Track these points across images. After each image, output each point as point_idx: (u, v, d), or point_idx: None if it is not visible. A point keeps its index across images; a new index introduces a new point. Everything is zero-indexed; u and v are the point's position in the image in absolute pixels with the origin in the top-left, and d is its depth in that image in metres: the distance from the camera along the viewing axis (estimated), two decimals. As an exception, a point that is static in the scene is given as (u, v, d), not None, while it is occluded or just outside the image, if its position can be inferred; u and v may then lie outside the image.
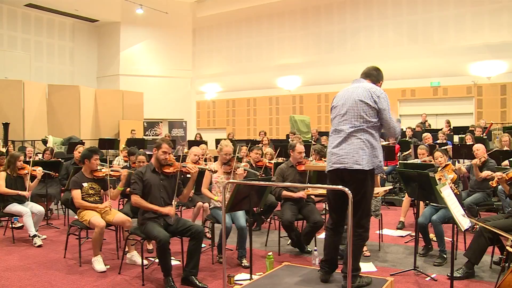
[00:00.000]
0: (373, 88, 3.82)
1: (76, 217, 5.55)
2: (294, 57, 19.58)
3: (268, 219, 6.83)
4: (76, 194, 5.36)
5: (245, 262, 5.29)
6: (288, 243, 6.11)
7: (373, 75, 4.03)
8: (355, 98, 3.79)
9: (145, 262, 5.08)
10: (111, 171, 5.66)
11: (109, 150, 13.78)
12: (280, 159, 9.25)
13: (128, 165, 7.51)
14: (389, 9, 17.51)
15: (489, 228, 3.98)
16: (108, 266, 5.20)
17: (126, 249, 5.36)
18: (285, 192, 5.88)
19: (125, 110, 18.98)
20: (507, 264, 3.56)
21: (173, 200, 4.90)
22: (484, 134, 11.92)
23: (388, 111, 3.79)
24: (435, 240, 5.66)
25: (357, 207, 3.78)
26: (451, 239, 4.47)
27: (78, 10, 19.81)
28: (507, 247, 3.23)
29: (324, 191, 5.40)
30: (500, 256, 4.71)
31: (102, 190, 5.61)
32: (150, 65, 21.74)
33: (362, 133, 3.73)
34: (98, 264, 5.11)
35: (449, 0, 16.26)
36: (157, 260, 4.82)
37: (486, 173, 6.27)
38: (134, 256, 5.37)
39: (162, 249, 4.42)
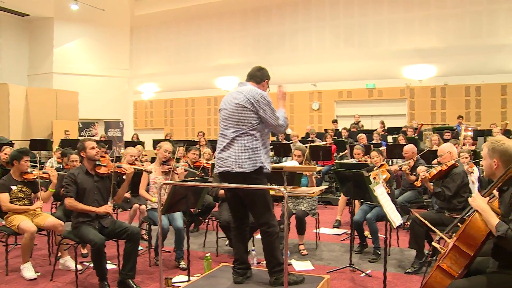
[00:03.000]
0: (252, 92, 3.89)
1: (3, 222, 5.27)
2: (233, 58, 19.59)
3: (206, 220, 6.80)
4: (4, 197, 5.08)
5: (183, 263, 5.25)
6: (226, 243, 6.13)
7: (257, 76, 4.13)
8: (235, 102, 3.89)
9: (79, 267, 4.91)
10: (43, 173, 5.42)
11: (42, 151, 13.25)
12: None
13: (61, 167, 7.26)
14: (327, 12, 17.90)
15: (421, 219, 4.15)
16: (39, 273, 4.98)
17: (59, 254, 5.15)
18: (222, 191, 5.87)
19: (59, 109, 18.27)
20: (434, 258, 3.72)
21: (109, 202, 4.77)
22: (415, 134, 12.42)
23: (268, 110, 3.87)
24: (370, 237, 5.84)
25: (253, 207, 3.91)
26: (384, 236, 4.63)
27: (4, 1, 18.65)
28: (433, 243, 3.37)
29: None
30: (427, 251, 4.93)
31: (32, 193, 5.37)
32: (85, 64, 21.00)
33: (243, 137, 3.82)
34: (28, 271, 4.87)
35: (383, 5, 16.87)
36: (92, 265, 4.67)
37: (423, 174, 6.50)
38: (68, 261, 5.18)
39: (96, 252, 4.29)
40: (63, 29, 20.49)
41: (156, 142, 5.92)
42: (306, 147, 7.08)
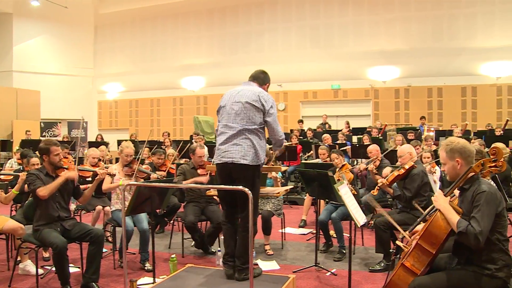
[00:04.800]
0: (262, 93, 4.09)
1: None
2: (199, 58, 19.53)
3: (171, 221, 6.74)
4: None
5: (148, 265, 5.18)
6: (192, 244, 6.09)
7: (260, 78, 4.31)
8: (245, 100, 4.03)
9: (41, 271, 4.79)
10: (2, 174, 5.25)
11: (1, 152, 12.87)
12: (183, 160, 9.17)
13: (21, 168, 7.05)
14: (293, 13, 18.05)
15: (389, 219, 4.22)
16: (-4, 279, 4.82)
17: (18, 259, 4.97)
18: (185, 181, 5.88)
19: (20, 109, 17.73)
20: (398, 256, 3.79)
21: (73, 204, 4.65)
22: (380, 134, 12.62)
23: (274, 115, 4.08)
24: (335, 236, 5.89)
25: (246, 201, 3.92)
26: (349, 235, 4.68)
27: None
28: (397, 241, 3.44)
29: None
30: (391, 250, 5.02)
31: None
32: (47, 62, 20.51)
33: (252, 134, 3.99)
34: (-16, 277, 4.70)
35: (348, 7, 17.14)
36: (54, 268, 4.55)
37: (380, 178, 6.60)
38: (28, 265, 5.01)
39: (59, 256, 4.17)
40: (23, 26, 19.92)
41: (121, 143, 5.86)
42: (271, 148, 7.05)
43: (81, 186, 5.26)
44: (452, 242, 3.09)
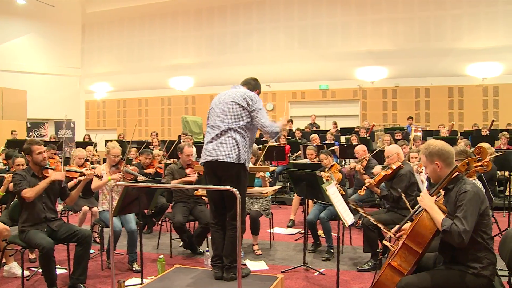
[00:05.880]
0: (247, 92, 4.13)
1: None
2: (187, 58, 19.49)
3: (159, 221, 6.71)
4: None
5: (136, 266, 5.16)
6: (180, 245, 6.07)
7: (251, 84, 4.36)
8: (231, 99, 4.08)
9: (27, 273, 4.74)
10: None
11: (-14, 153, 12.72)
12: (172, 161, 9.14)
13: (7, 169, 6.98)
14: (281, 13, 18.07)
15: (372, 220, 4.24)
16: (-19, 282, 4.76)
17: (3, 261, 4.91)
18: (174, 182, 5.88)
19: (5, 109, 17.50)
20: (385, 256, 3.82)
21: (60, 204, 4.61)
22: (367, 134, 12.68)
23: (261, 112, 4.07)
24: (323, 236, 5.91)
25: (234, 200, 3.91)
26: (337, 235, 4.69)
27: None
28: (384, 241, 3.46)
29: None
30: (378, 249, 5.05)
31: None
32: (34, 61, 20.31)
33: (234, 132, 4.00)
34: (-33, 280, 4.64)
35: (337, 8, 17.21)
36: (40, 270, 4.51)
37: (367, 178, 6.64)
38: (13, 267, 4.96)
39: (45, 257, 4.13)
40: (8, 24, 19.71)
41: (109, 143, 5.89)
42: (259, 148, 7.08)
43: (68, 184, 5.22)
44: (438, 241, 3.12)
